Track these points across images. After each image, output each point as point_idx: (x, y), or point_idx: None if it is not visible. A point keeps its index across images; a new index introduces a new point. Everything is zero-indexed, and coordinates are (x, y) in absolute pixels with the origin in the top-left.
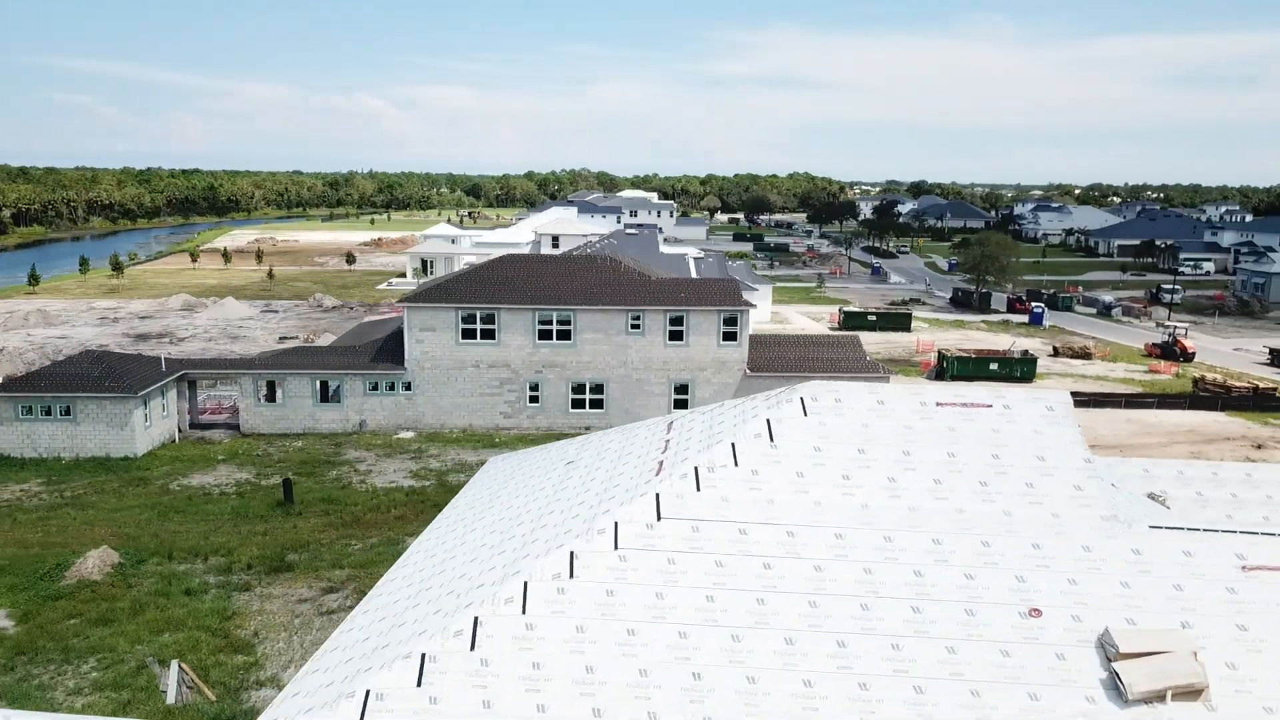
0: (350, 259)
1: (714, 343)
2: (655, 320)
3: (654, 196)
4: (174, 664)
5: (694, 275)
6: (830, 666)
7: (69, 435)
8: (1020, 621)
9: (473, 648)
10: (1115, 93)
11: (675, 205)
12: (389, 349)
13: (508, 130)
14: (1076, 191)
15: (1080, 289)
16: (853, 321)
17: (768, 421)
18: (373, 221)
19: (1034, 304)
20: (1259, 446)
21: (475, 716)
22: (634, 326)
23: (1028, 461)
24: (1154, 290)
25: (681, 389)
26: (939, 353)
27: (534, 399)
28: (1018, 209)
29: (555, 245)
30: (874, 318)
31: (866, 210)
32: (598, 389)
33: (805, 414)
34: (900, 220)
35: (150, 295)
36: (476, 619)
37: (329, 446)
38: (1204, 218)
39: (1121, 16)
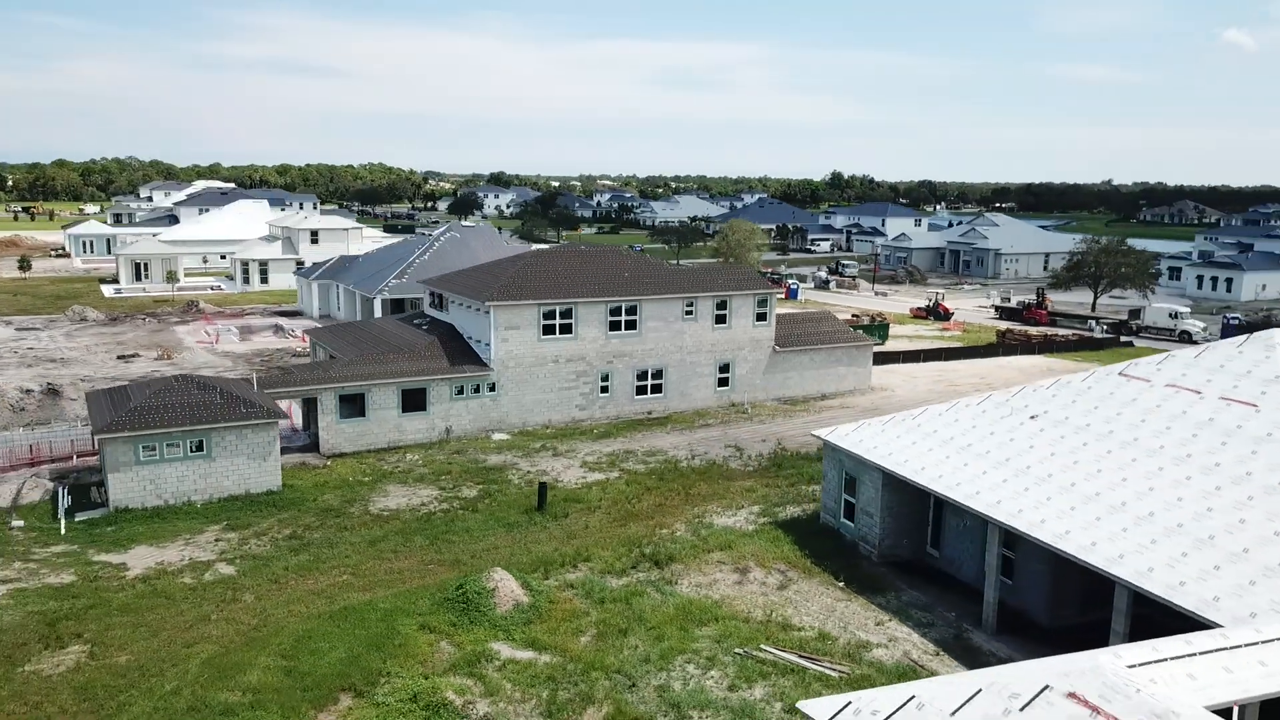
0: (25, 264)
1: (750, 324)
2: (705, 306)
3: (232, 186)
4: (768, 648)
5: None
6: None
7: (202, 474)
8: None
9: None
10: (612, 92)
11: (316, 198)
12: (453, 350)
13: None
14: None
15: (784, 267)
16: None
17: None
18: None
19: (790, 282)
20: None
21: None
22: (687, 312)
23: None
24: (835, 265)
25: (723, 368)
26: None
27: (604, 389)
28: (599, 199)
29: (315, 241)
30: None
31: (497, 202)
32: (658, 374)
33: None
34: (563, 211)
35: None
36: None
37: (450, 455)
38: (743, 204)
39: (609, 23)
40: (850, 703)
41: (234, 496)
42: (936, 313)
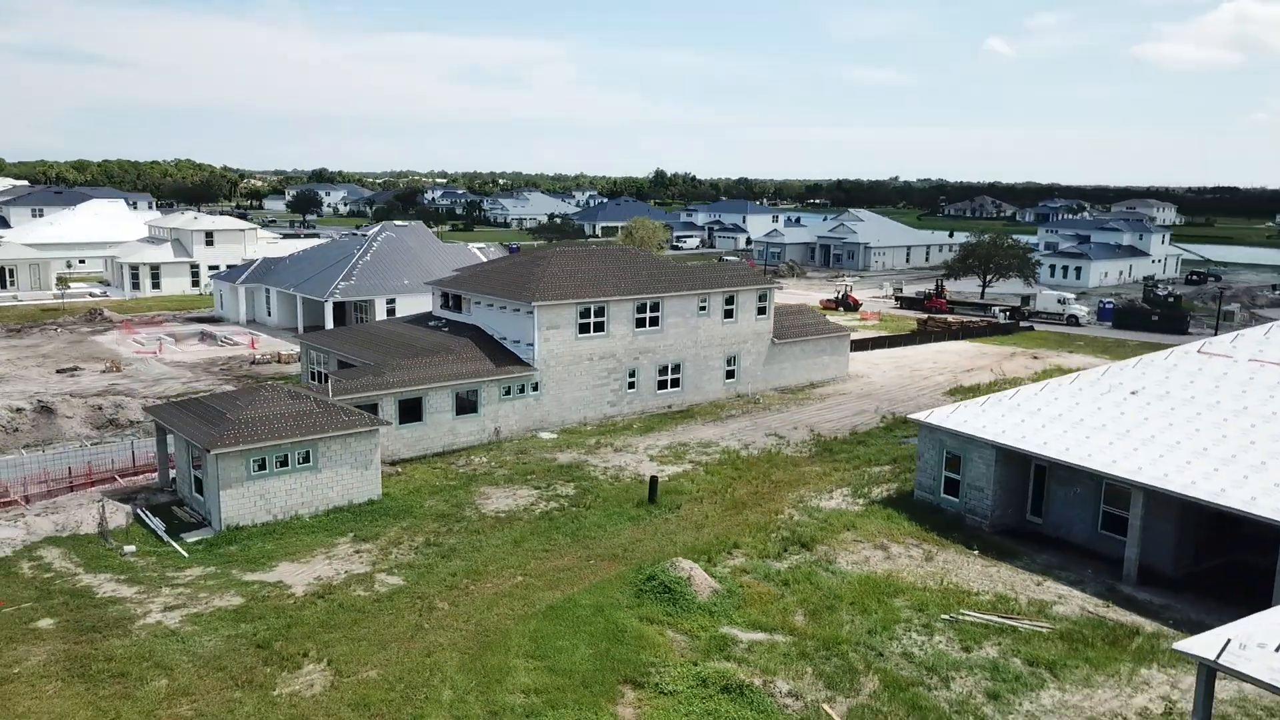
0: None
1: (753, 318)
2: (716, 301)
3: (25, 184)
4: (969, 612)
5: None
6: None
7: (309, 487)
8: None
9: None
10: (411, 88)
11: (152, 197)
12: (490, 351)
13: None
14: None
15: None
16: None
17: None
18: None
19: None
20: (1035, 358)
21: None
22: (701, 308)
23: None
24: (718, 259)
25: (730, 361)
26: None
27: (631, 385)
28: (432, 196)
29: (210, 243)
30: None
31: (329, 199)
32: (676, 369)
33: None
34: (425, 208)
35: None
36: None
37: (516, 456)
38: (577, 201)
39: (397, 17)
40: (1231, 639)
41: (338, 508)
42: (846, 304)
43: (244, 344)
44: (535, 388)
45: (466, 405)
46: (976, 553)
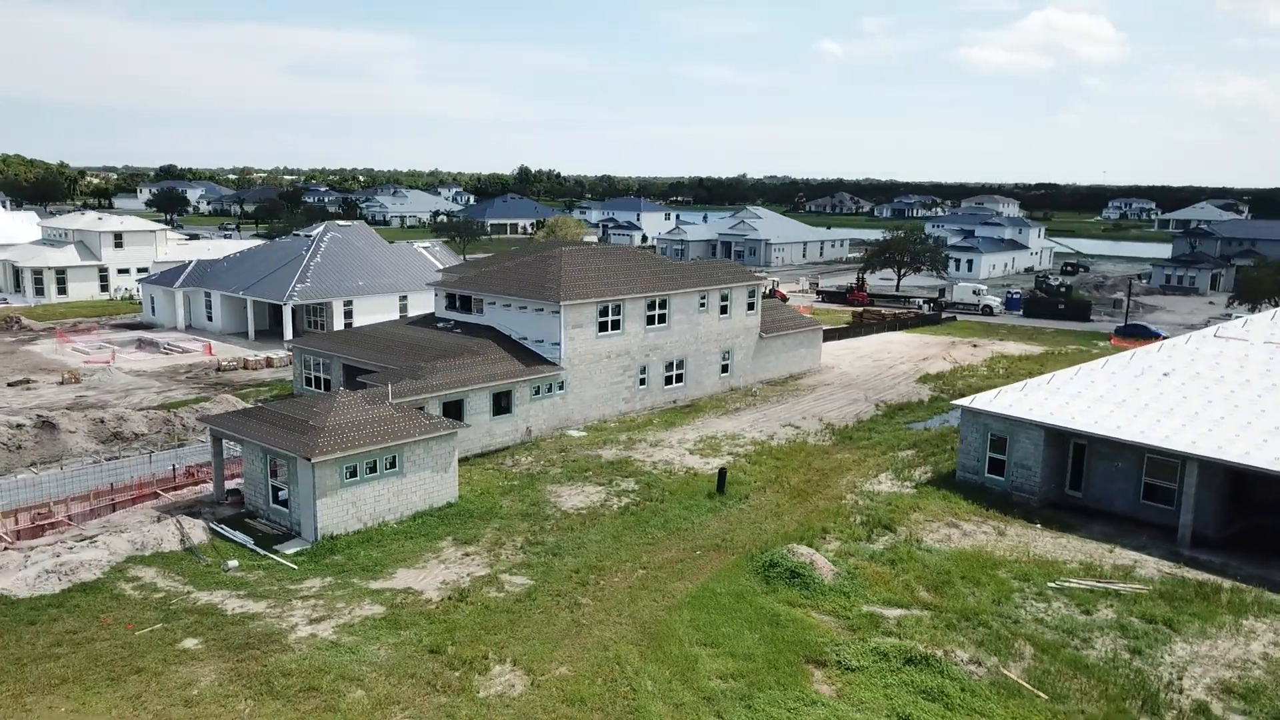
0: None
1: (744, 313)
2: (713, 298)
3: None
4: (1073, 580)
5: (439, 266)
6: None
7: (395, 492)
8: None
9: None
10: (245, 79)
11: (5, 195)
12: (513, 351)
13: None
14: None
15: None
16: None
17: None
18: None
19: None
20: (975, 346)
21: None
22: (701, 305)
23: None
24: None
25: (725, 355)
26: None
27: (642, 382)
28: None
29: (119, 245)
30: None
31: (194, 198)
32: (680, 365)
33: None
34: (312, 207)
35: None
36: None
37: (559, 454)
38: (445, 197)
39: (231, 4)
40: None
41: (420, 512)
42: (772, 298)
43: (195, 350)
44: (561, 386)
45: (502, 406)
46: (1039, 527)
